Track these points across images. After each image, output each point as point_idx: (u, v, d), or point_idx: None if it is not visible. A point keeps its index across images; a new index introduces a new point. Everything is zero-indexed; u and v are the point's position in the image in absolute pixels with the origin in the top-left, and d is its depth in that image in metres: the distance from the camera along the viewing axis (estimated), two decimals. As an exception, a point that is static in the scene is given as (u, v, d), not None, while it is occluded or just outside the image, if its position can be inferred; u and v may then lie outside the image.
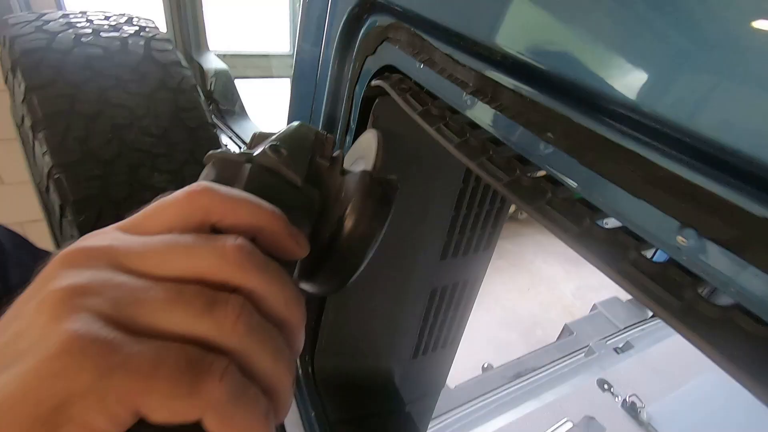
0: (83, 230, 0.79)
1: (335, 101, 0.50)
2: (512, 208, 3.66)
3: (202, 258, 0.20)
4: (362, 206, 0.27)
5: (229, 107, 1.50)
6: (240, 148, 1.28)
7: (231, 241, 0.20)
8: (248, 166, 0.26)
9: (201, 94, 0.96)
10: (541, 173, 0.26)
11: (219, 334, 0.19)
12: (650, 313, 2.15)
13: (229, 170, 0.25)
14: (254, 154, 0.27)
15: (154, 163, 0.85)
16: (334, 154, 0.31)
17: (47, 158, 0.78)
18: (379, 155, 0.31)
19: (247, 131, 1.38)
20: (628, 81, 0.21)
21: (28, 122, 0.80)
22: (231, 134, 1.35)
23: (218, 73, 1.55)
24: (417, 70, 0.35)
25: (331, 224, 0.28)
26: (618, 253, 0.22)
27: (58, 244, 0.99)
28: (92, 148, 0.80)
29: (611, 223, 0.23)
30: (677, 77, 0.19)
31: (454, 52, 0.32)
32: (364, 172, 0.28)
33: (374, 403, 0.65)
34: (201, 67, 1.54)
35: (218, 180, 0.25)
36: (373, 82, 0.39)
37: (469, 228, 0.59)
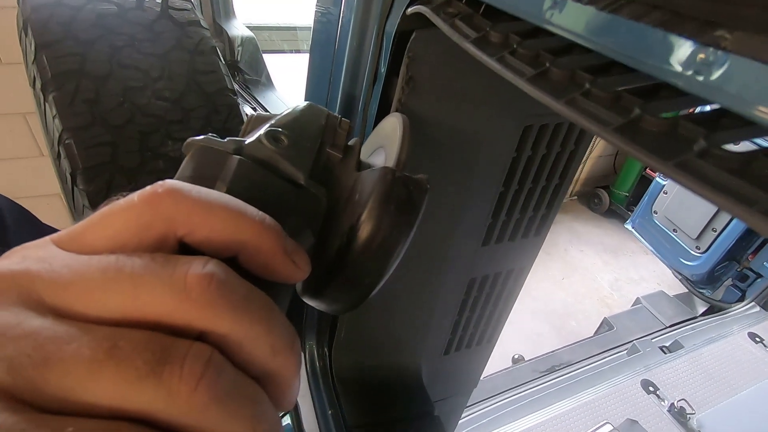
0: (93, 200, 0.75)
1: (357, 65, 0.41)
2: (548, 193, 3.48)
3: (152, 293, 0.14)
4: (380, 213, 0.21)
5: (256, 77, 1.43)
6: (264, 119, 1.21)
7: (196, 269, 0.15)
8: (236, 158, 0.20)
9: (221, 57, 0.88)
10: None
11: (168, 406, 0.13)
12: (701, 310, 1.98)
13: (211, 164, 0.20)
14: (246, 143, 0.21)
15: (167, 129, 0.79)
16: (350, 143, 0.26)
17: (57, 122, 0.73)
18: (404, 147, 0.25)
19: (274, 103, 1.31)
20: None
21: (38, 84, 0.75)
22: (256, 105, 1.28)
23: (245, 42, 1.48)
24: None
25: (341, 232, 0.22)
26: (680, 145, 0.15)
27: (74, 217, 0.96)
28: (102, 112, 0.74)
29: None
30: None
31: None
32: (384, 170, 0.22)
33: (398, 406, 0.58)
34: (228, 35, 1.47)
35: (196, 177, 0.19)
36: (410, 10, 0.30)
37: (518, 208, 0.49)
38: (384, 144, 0.28)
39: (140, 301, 0.14)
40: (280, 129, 0.22)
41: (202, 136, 0.21)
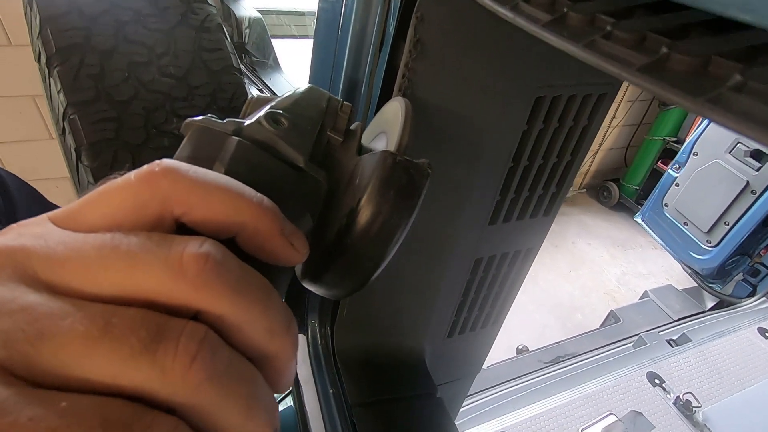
0: (98, 177, 0.74)
1: (362, 34, 0.40)
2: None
3: (148, 271, 0.14)
4: (380, 197, 0.21)
5: (263, 59, 1.42)
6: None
7: (192, 248, 0.15)
8: (234, 140, 0.20)
9: (227, 35, 0.87)
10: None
11: (163, 384, 0.13)
12: (710, 305, 1.95)
13: (210, 145, 0.20)
14: (245, 124, 0.21)
15: (172, 106, 0.78)
16: (352, 127, 0.26)
17: (62, 97, 0.73)
18: (406, 131, 0.25)
19: (281, 85, 1.30)
20: None
21: (43, 58, 0.75)
22: (263, 87, 1.26)
23: (253, 23, 1.46)
24: None
25: (340, 217, 0.22)
26: (712, 81, 0.14)
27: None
28: (107, 87, 0.73)
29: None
30: None
31: None
32: (384, 153, 0.22)
33: (401, 387, 0.57)
34: (235, 16, 1.46)
35: (194, 157, 0.19)
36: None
37: (528, 186, 0.47)
38: (386, 129, 0.28)
39: (136, 279, 0.14)
40: (280, 111, 0.22)
41: (200, 117, 0.21)
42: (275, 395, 0.18)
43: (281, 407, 0.84)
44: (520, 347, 1.79)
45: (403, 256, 0.51)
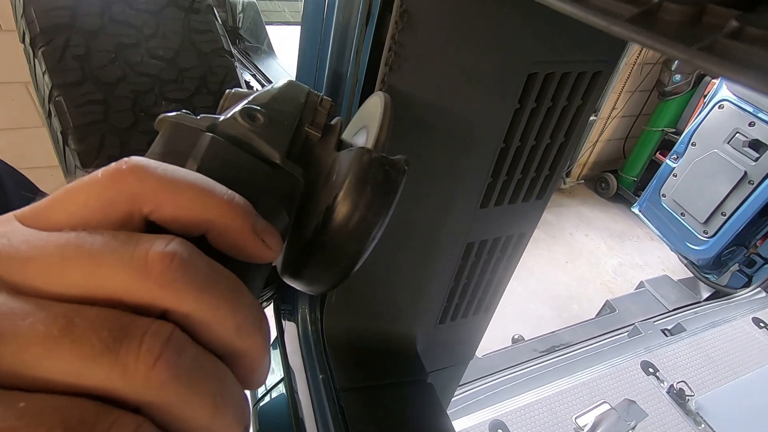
0: (85, 160, 0.73)
1: (347, 18, 0.39)
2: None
3: (112, 271, 0.14)
4: (356, 193, 0.21)
5: (257, 45, 1.39)
6: (263, 87, 1.18)
7: (158, 247, 0.15)
8: (208, 136, 0.20)
9: (217, 16, 0.85)
10: None
11: (126, 383, 0.13)
12: (705, 295, 1.95)
13: (183, 141, 0.20)
14: (219, 120, 0.21)
15: (161, 89, 0.76)
16: (332, 122, 0.26)
17: (47, 79, 0.71)
18: (385, 126, 0.25)
19: (275, 71, 1.28)
20: None
21: (27, 38, 0.73)
22: (256, 72, 1.24)
23: (246, 8, 1.43)
24: None
25: (318, 213, 0.22)
26: (706, 30, 0.13)
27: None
28: (93, 69, 0.72)
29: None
30: None
31: None
32: (361, 150, 0.22)
33: (390, 373, 0.56)
34: (229, 0, 1.43)
35: (167, 154, 0.19)
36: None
37: (520, 167, 0.46)
38: (367, 123, 0.28)
39: (99, 278, 0.14)
40: (256, 107, 0.22)
41: (174, 113, 0.20)
42: (271, 388, 0.18)
43: (274, 394, 0.84)
44: (516, 337, 1.79)
45: (392, 240, 0.50)
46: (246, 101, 0.23)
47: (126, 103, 0.73)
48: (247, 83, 1.15)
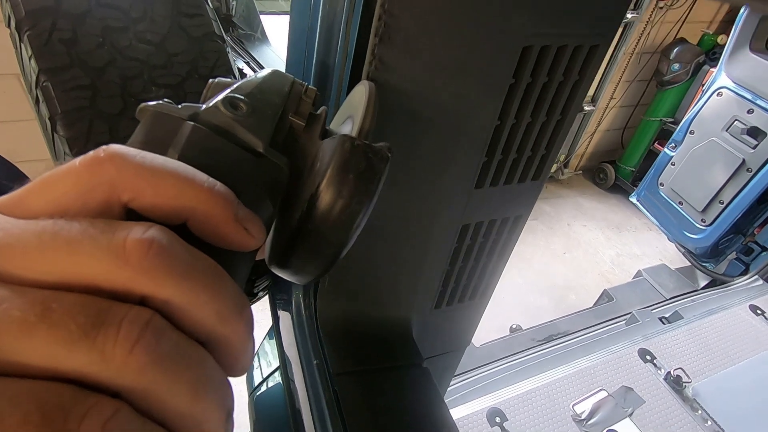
0: (74, 147, 0.72)
1: (332, 18, 0.38)
2: (552, 168, 3.42)
3: (89, 257, 0.14)
4: (339, 181, 0.21)
5: (251, 32, 1.37)
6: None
7: (136, 234, 0.15)
8: (189, 125, 0.20)
9: (208, 0, 0.83)
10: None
11: (103, 368, 0.13)
12: (702, 283, 1.96)
13: (164, 130, 0.20)
14: (201, 109, 0.21)
15: (151, 74, 0.75)
16: (317, 112, 0.25)
17: (33, 63, 0.70)
18: (369, 114, 0.26)
19: (269, 58, 1.26)
20: None
21: (12, 22, 0.71)
22: (250, 60, 1.23)
23: (239, -5, 1.41)
24: None
25: (301, 202, 0.22)
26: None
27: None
28: (81, 53, 0.70)
29: None
30: None
31: None
32: (343, 138, 0.22)
33: (385, 357, 0.56)
34: (221, -13, 1.40)
35: (148, 143, 0.19)
36: None
37: (516, 146, 0.45)
38: (353, 113, 0.28)
39: (77, 265, 0.14)
40: (239, 95, 0.22)
41: (155, 102, 0.20)
42: (267, 377, 0.17)
43: (271, 383, 0.83)
44: (514, 326, 1.79)
45: (386, 221, 0.49)
46: (229, 90, 0.22)
47: (115, 89, 0.72)
48: (240, 70, 1.14)
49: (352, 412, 0.49)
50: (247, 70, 1.16)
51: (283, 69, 0.66)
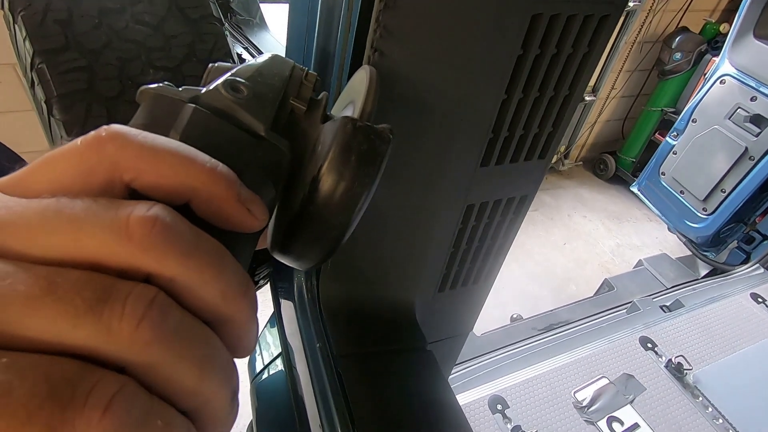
0: (71, 131, 0.71)
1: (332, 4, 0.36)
2: (552, 159, 3.40)
3: (93, 234, 0.14)
4: (340, 163, 0.21)
5: (249, 18, 1.35)
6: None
7: (139, 212, 0.14)
8: (191, 107, 0.20)
9: (205, -19, 0.81)
10: None
11: (110, 343, 0.13)
12: (703, 272, 1.96)
13: (165, 112, 0.20)
14: (202, 92, 0.21)
15: (148, 57, 0.74)
16: (318, 97, 0.26)
17: (28, 45, 0.68)
18: (370, 97, 0.26)
19: (268, 44, 1.24)
20: None
21: (6, 3, 0.70)
22: (248, 46, 1.21)
23: (237, -19, 1.39)
24: None
25: (303, 185, 0.22)
26: None
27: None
28: (77, 35, 0.69)
29: None
30: None
31: None
32: (345, 119, 0.22)
33: (389, 339, 0.55)
34: (218, -27, 1.38)
35: (149, 125, 0.19)
36: None
37: (522, 122, 0.44)
38: (354, 98, 0.28)
39: (80, 242, 0.14)
40: (240, 79, 0.22)
41: (155, 84, 0.20)
42: (269, 363, 0.17)
43: (272, 370, 0.83)
44: (514, 316, 1.80)
45: (390, 200, 0.48)
46: (229, 73, 0.22)
47: (112, 71, 0.71)
48: (239, 56, 1.12)
49: (356, 394, 0.48)
50: (245, 55, 1.15)
51: (283, 55, 0.65)
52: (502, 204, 0.52)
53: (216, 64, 0.24)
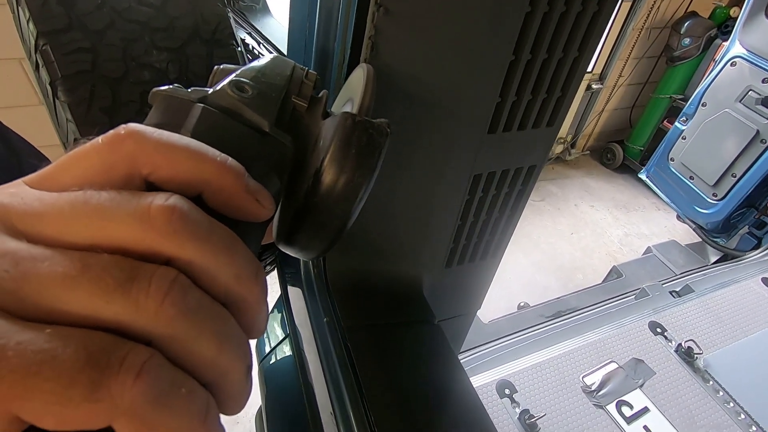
0: (76, 113, 0.71)
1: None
2: (559, 149, 3.37)
3: (118, 222, 0.16)
4: (341, 156, 0.22)
5: (252, 3, 1.35)
6: (259, 44, 1.14)
7: (159, 201, 0.16)
8: (200, 106, 0.21)
9: (207, -37, 0.81)
10: None
11: (138, 317, 0.15)
12: (713, 259, 1.93)
13: (175, 112, 0.21)
14: (210, 92, 0.22)
15: (152, 38, 0.73)
16: (319, 95, 0.27)
17: (31, 26, 0.68)
18: (368, 93, 0.27)
19: (271, 28, 1.23)
20: None
21: (10, -14, 0.69)
22: (252, 31, 1.20)
23: (239, -32, 1.38)
24: None
25: (306, 178, 0.23)
26: None
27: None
28: (80, 15, 0.69)
29: None
30: None
31: None
32: (345, 114, 0.23)
33: (396, 313, 0.55)
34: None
35: (161, 125, 0.20)
36: None
37: (530, 85, 0.43)
38: (352, 95, 0.29)
39: (107, 229, 0.16)
40: (244, 79, 0.23)
41: (166, 86, 0.22)
42: (276, 346, 0.17)
43: (279, 356, 0.83)
44: (522, 304, 1.79)
45: (395, 170, 0.48)
46: (234, 74, 0.24)
47: (116, 52, 0.71)
48: (243, 41, 1.11)
49: (365, 366, 0.48)
50: (249, 40, 1.14)
51: (285, 39, 0.65)
52: (510, 174, 0.51)
53: (221, 66, 0.26)
